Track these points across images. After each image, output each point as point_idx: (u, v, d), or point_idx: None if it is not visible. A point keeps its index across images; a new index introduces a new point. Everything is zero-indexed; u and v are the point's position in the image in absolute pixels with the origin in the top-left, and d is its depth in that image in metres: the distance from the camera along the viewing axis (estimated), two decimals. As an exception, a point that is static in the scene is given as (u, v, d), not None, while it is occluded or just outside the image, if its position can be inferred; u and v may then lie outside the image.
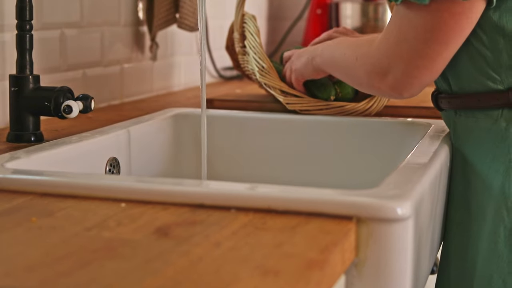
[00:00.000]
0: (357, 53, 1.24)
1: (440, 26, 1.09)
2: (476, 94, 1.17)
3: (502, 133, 1.15)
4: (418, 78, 1.13)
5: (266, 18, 2.81)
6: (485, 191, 1.16)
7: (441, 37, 1.10)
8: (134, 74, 1.83)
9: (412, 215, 0.88)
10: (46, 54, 1.50)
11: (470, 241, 1.18)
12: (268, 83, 1.55)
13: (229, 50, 1.80)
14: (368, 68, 1.19)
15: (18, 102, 1.24)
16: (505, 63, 1.13)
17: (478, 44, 1.14)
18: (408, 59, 1.12)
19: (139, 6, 1.84)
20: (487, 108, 1.16)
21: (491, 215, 1.15)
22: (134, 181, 0.96)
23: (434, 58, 1.11)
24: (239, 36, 1.63)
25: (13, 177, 0.97)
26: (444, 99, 1.24)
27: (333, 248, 0.77)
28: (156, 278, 0.67)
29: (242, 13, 1.63)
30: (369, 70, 1.19)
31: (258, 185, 0.93)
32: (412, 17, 1.11)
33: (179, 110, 1.56)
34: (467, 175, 1.20)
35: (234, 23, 1.66)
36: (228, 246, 0.76)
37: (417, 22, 1.10)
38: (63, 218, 0.86)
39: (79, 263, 0.71)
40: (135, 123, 1.40)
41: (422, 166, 1.06)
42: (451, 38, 1.10)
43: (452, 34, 1.10)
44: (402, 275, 0.88)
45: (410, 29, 1.11)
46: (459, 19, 1.09)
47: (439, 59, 1.11)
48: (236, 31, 1.65)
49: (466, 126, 1.21)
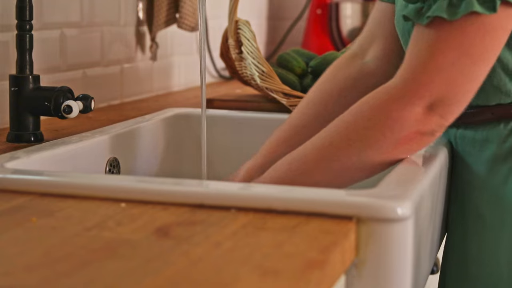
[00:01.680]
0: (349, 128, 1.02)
1: (495, 45, 0.99)
2: (490, 107, 1.12)
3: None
4: (463, 104, 1.01)
5: (266, 18, 2.81)
6: (500, 200, 1.12)
7: (493, 57, 1.00)
8: (134, 74, 1.83)
9: (412, 215, 0.88)
10: (46, 54, 1.50)
11: (487, 251, 1.15)
12: (270, 87, 1.56)
13: (223, 58, 1.80)
14: (398, 115, 0.99)
15: (18, 102, 1.24)
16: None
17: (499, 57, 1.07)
18: (458, 86, 0.99)
19: (139, 6, 1.84)
20: (500, 120, 1.12)
21: (510, 230, 1.12)
22: (134, 181, 0.96)
23: (479, 78, 1.00)
24: (234, 42, 1.63)
25: (13, 177, 0.97)
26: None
27: (333, 248, 0.77)
28: (156, 278, 0.67)
29: (236, 20, 1.62)
30: (399, 117, 0.99)
31: (258, 185, 0.93)
32: (447, 37, 0.99)
33: (179, 110, 1.56)
34: (476, 187, 1.15)
35: (228, 30, 1.66)
36: (228, 246, 0.76)
37: (454, 43, 0.98)
38: (63, 218, 0.86)
39: (79, 263, 0.71)
40: (135, 123, 1.40)
41: (422, 166, 1.06)
42: (492, 56, 1.01)
43: (491, 50, 1.00)
44: (402, 275, 0.88)
45: (450, 52, 0.98)
46: (496, 33, 0.99)
47: (482, 80, 1.01)
48: (230, 37, 1.65)
49: (474, 139, 1.16)
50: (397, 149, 1.01)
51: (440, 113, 0.99)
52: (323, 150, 1.03)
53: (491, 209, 1.14)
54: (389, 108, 0.99)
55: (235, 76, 1.82)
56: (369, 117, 1.00)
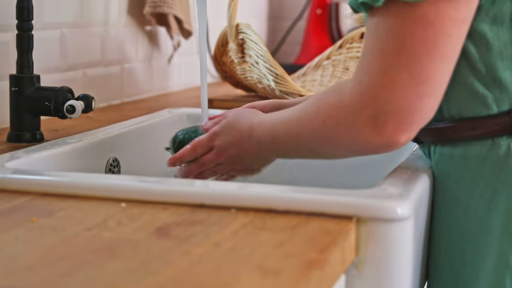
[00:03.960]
0: (321, 114, 0.95)
1: (444, 38, 0.88)
2: (469, 120, 0.98)
3: (502, 160, 0.96)
4: (421, 112, 0.88)
5: (266, 18, 2.81)
6: (482, 232, 0.98)
7: (446, 52, 0.88)
8: (134, 74, 1.83)
9: (412, 215, 0.88)
10: (46, 54, 1.50)
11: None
12: (284, 90, 1.55)
13: (216, 61, 1.79)
14: (348, 121, 0.91)
15: (18, 102, 1.24)
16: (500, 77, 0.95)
17: (466, 58, 0.96)
18: (405, 89, 0.87)
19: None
20: (483, 137, 0.97)
21: (492, 261, 0.97)
22: (134, 181, 0.96)
23: (439, 81, 0.89)
24: (236, 46, 1.63)
25: (13, 177, 0.97)
26: (424, 129, 0.97)
27: (333, 248, 0.77)
28: (156, 278, 0.67)
29: (236, 23, 1.62)
30: (349, 124, 0.91)
31: (257, 185, 0.93)
32: (405, 28, 0.88)
33: (179, 110, 1.56)
34: (455, 213, 1.00)
35: (228, 34, 1.65)
36: (228, 246, 0.76)
37: (414, 36, 0.87)
38: (63, 218, 0.86)
39: (79, 263, 0.71)
40: (135, 123, 1.40)
41: (422, 167, 1.06)
42: (455, 52, 0.90)
43: (455, 46, 0.89)
44: (402, 275, 0.88)
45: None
46: (461, 26, 0.90)
47: (444, 82, 0.90)
48: (232, 42, 1.64)
49: (452, 156, 1.01)
50: (351, 153, 0.97)
51: (392, 124, 0.88)
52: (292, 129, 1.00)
53: (470, 243, 1.00)
54: (339, 113, 0.92)
55: (227, 80, 1.82)
56: (323, 119, 0.95)
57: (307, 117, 0.97)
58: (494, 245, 0.97)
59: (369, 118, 0.89)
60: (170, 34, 1.93)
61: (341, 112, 0.92)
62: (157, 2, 1.79)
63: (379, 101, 0.88)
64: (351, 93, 0.91)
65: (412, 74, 0.87)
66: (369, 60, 0.90)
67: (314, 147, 0.99)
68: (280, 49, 2.64)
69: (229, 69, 1.76)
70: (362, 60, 0.91)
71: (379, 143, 0.90)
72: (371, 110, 0.89)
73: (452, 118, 0.99)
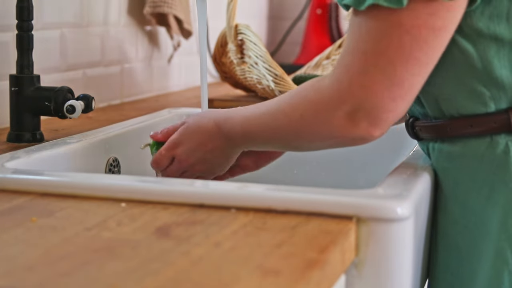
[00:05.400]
0: (298, 108, 0.99)
1: (420, 45, 0.91)
2: (467, 118, 1.00)
3: (500, 158, 0.98)
4: (393, 112, 0.93)
5: (266, 18, 2.81)
6: (480, 228, 0.99)
7: (421, 57, 0.91)
8: (134, 74, 1.83)
9: (412, 215, 0.88)
10: (46, 54, 1.50)
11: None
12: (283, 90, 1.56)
13: (216, 62, 1.79)
14: (326, 115, 0.95)
15: (18, 102, 1.24)
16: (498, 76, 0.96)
17: (464, 56, 0.97)
18: (381, 90, 0.92)
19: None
20: (481, 134, 0.99)
21: (489, 258, 0.98)
22: (134, 181, 0.96)
23: (412, 84, 0.92)
24: (235, 47, 1.63)
25: (13, 177, 0.97)
26: (423, 126, 1.04)
27: (333, 248, 0.77)
28: (156, 278, 0.67)
29: (235, 24, 1.62)
30: (327, 118, 0.95)
31: (258, 185, 0.93)
32: (383, 32, 0.91)
33: (179, 110, 1.56)
34: (453, 211, 1.02)
35: (228, 34, 1.65)
36: (228, 246, 0.76)
37: (391, 41, 0.91)
38: (63, 218, 0.86)
39: (79, 263, 0.71)
40: (135, 123, 1.40)
41: (421, 167, 1.06)
42: (432, 58, 0.92)
43: (431, 52, 0.92)
44: (402, 275, 0.88)
45: (381, 49, 0.91)
46: (440, 34, 0.92)
47: (417, 85, 0.93)
48: (231, 43, 1.64)
49: (451, 154, 1.02)
50: (326, 145, 1.01)
51: (367, 120, 0.93)
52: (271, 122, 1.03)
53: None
54: (317, 108, 0.97)
55: (227, 81, 1.82)
56: (301, 113, 0.98)
57: (282, 111, 1.01)
58: (492, 242, 0.98)
59: (346, 113, 0.94)
60: (170, 34, 1.93)
61: (319, 106, 0.96)
62: (157, 2, 1.79)
63: (357, 99, 0.93)
64: (330, 89, 0.95)
65: (388, 77, 0.92)
66: (350, 60, 0.94)
67: (289, 140, 1.03)
68: (280, 49, 2.64)
69: (228, 70, 1.76)
70: (343, 58, 0.95)
71: (354, 136, 0.95)
72: (349, 106, 0.94)
73: (451, 116, 1.01)
